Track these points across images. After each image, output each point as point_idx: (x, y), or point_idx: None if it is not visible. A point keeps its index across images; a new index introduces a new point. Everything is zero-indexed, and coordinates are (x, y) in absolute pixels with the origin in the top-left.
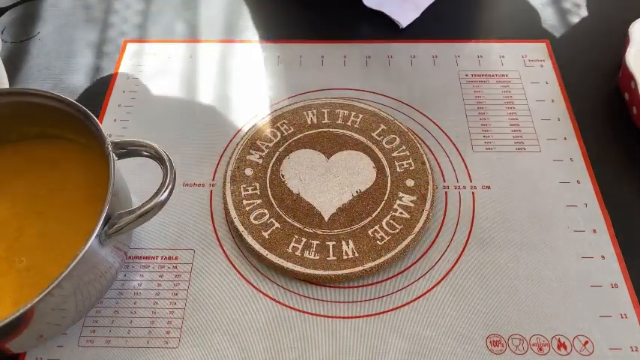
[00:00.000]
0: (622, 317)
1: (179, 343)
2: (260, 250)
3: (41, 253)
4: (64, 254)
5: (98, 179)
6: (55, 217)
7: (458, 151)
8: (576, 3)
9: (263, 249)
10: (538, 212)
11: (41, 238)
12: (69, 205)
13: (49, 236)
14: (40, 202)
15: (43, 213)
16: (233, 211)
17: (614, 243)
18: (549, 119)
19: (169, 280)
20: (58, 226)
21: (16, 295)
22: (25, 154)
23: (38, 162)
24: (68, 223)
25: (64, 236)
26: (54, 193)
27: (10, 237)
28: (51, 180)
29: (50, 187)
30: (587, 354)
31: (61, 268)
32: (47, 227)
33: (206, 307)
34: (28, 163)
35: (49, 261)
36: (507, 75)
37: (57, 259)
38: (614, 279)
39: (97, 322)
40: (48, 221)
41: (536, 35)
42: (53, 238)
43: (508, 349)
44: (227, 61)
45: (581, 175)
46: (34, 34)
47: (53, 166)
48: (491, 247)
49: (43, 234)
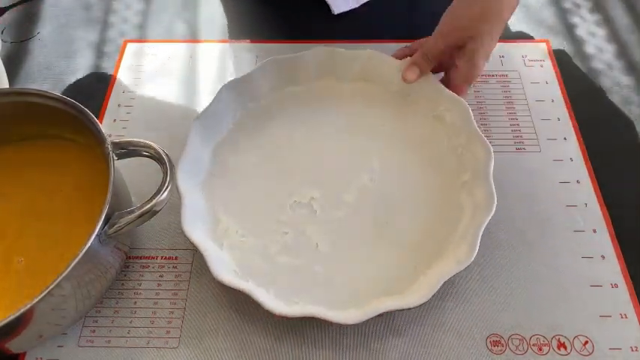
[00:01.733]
0: (622, 317)
1: (179, 343)
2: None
3: (41, 253)
4: (64, 254)
5: (98, 179)
6: (54, 217)
7: None
8: (576, 3)
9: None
10: (538, 212)
11: (41, 239)
12: (68, 205)
13: (48, 236)
14: (39, 203)
15: (43, 213)
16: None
17: (614, 243)
18: (549, 119)
19: (169, 281)
20: (57, 226)
21: (15, 296)
22: (25, 154)
23: (38, 162)
24: (68, 223)
25: (64, 236)
26: (54, 194)
27: (9, 237)
28: (50, 180)
29: (50, 188)
30: (587, 354)
31: (60, 269)
32: (47, 228)
33: (206, 307)
34: (28, 163)
35: (49, 261)
36: (507, 75)
37: (56, 260)
38: (614, 279)
39: (97, 322)
40: (47, 221)
41: (536, 35)
42: (53, 238)
43: (508, 349)
44: (227, 61)
45: (581, 175)
46: (34, 34)
47: (53, 166)
48: (492, 247)
49: (43, 234)
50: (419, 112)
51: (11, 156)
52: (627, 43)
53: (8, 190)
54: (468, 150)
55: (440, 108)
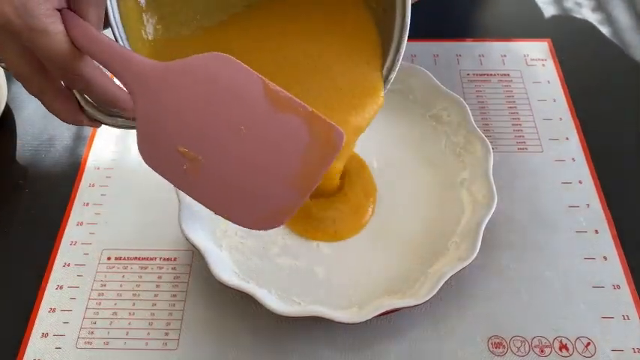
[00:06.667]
0: (624, 318)
1: (178, 344)
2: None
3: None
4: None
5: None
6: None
7: None
8: (578, 2)
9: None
10: (540, 213)
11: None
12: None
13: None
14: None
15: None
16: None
17: (617, 244)
18: (551, 119)
19: (168, 282)
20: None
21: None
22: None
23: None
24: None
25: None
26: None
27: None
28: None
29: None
30: (589, 355)
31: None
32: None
33: (205, 308)
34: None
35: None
36: (509, 74)
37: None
38: (616, 280)
39: (95, 323)
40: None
41: (537, 34)
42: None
43: (509, 350)
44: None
45: (584, 176)
46: None
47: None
48: (493, 247)
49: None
50: (417, 112)
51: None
52: (630, 43)
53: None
54: (467, 148)
55: (438, 107)
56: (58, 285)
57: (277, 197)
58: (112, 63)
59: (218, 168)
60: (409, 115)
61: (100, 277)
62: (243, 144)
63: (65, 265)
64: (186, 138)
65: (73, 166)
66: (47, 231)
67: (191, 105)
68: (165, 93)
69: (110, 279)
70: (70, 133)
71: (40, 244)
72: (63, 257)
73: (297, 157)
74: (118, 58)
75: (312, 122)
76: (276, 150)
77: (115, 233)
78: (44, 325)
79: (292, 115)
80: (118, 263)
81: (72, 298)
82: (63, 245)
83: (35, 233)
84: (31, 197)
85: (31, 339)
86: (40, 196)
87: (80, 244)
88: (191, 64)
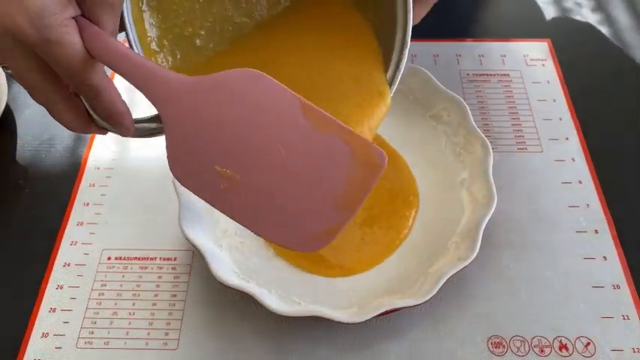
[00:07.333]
0: (624, 318)
1: (178, 344)
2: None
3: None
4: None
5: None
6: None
7: None
8: (578, 2)
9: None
10: (540, 213)
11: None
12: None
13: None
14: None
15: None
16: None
17: (617, 244)
18: (551, 119)
19: (168, 282)
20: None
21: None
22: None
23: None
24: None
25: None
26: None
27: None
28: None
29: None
30: (588, 355)
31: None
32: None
33: (205, 308)
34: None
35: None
36: (509, 74)
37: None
38: (616, 280)
39: (95, 323)
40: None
41: (537, 34)
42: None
43: (509, 350)
44: None
45: (583, 176)
46: None
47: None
48: (493, 247)
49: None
50: (417, 112)
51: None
52: (630, 43)
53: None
54: (467, 148)
55: (438, 107)
56: (59, 285)
57: (322, 218)
58: (133, 75)
59: (258, 188)
60: (409, 115)
61: (100, 277)
62: (285, 163)
63: (65, 265)
64: (224, 156)
65: (73, 166)
66: (47, 231)
67: (227, 122)
68: (199, 110)
69: (110, 279)
70: (70, 133)
71: (40, 244)
72: (63, 257)
73: (341, 177)
74: (141, 69)
75: (352, 142)
76: (319, 170)
77: (115, 233)
78: (44, 325)
79: (333, 135)
80: (118, 263)
81: (72, 298)
82: (63, 245)
83: (35, 233)
84: (31, 197)
85: (31, 339)
86: (40, 196)
87: (80, 244)
88: (223, 79)
